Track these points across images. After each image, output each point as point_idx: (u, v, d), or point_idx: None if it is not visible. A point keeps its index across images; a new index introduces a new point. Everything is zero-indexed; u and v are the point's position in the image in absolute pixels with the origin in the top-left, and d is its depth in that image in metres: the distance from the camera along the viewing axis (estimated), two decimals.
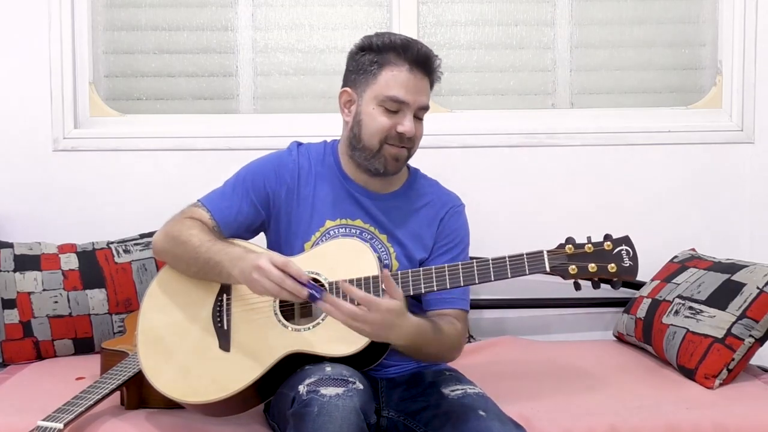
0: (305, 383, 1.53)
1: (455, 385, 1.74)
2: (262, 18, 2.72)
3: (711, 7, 2.73)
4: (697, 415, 1.85)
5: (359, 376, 1.58)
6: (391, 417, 1.73)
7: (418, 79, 1.77)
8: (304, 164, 1.87)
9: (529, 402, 1.91)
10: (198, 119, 2.70)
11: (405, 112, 1.76)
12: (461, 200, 1.96)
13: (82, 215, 2.59)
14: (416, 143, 1.82)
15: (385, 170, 1.81)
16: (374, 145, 1.78)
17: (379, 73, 1.76)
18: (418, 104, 1.77)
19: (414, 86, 1.76)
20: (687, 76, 2.79)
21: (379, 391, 1.76)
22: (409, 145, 1.80)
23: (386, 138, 1.77)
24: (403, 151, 1.80)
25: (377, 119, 1.77)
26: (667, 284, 2.33)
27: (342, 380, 1.53)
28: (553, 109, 2.77)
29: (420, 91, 1.77)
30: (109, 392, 1.73)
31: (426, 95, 1.80)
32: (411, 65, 1.76)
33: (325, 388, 1.50)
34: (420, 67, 1.77)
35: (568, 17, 2.74)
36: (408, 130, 1.76)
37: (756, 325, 2.05)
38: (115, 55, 2.73)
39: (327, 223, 1.82)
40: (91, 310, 2.33)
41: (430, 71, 1.79)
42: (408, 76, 1.75)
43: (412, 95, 1.75)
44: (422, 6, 2.71)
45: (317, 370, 1.58)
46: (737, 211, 2.68)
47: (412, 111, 1.77)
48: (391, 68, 1.76)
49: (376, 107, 1.77)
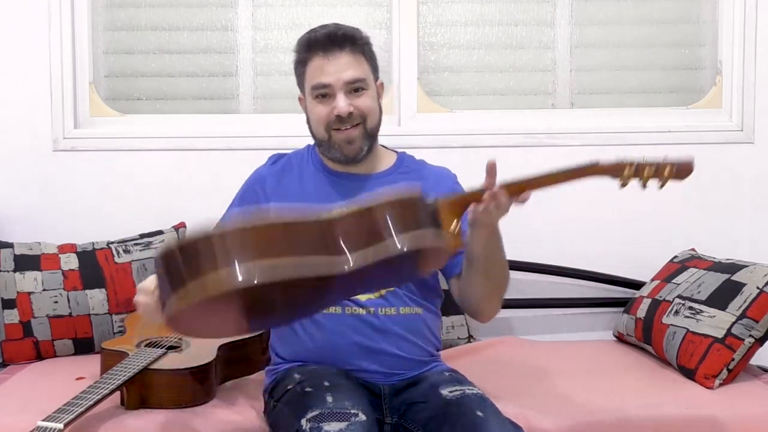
0: (307, 417, 1.53)
1: (454, 386, 1.73)
2: (262, 18, 2.73)
3: (711, 7, 2.73)
4: (697, 415, 1.85)
5: (363, 404, 1.59)
6: (393, 423, 1.73)
7: (334, 57, 1.78)
8: (288, 170, 1.90)
9: (529, 402, 1.91)
10: (198, 119, 2.70)
11: (334, 93, 1.78)
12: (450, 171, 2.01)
13: (82, 215, 2.59)
14: (368, 116, 1.82)
15: (345, 156, 1.83)
16: (323, 135, 1.82)
17: (305, 71, 1.82)
18: (343, 80, 1.77)
19: (331, 66, 1.77)
20: (687, 76, 2.79)
21: (383, 399, 1.75)
22: (357, 121, 1.80)
23: (329, 124, 1.80)
24: (352, 132, 1.80)
25: (315, 110, 1.81)
26: (667, 284, 2.33)
27: (344, 414, 1.53)
28: (553, 109, 2.77)
29: (339, 68, 1.77)
30: (109, 392, 1.73)
31: (350, 68, 1.78)
32: (320, 50, 1.78)
33: (327, 424, 1.50)
34: (329, 47, 1.78)
35: (568, 17, 2.75)
36: (340, 108, 1.77)
37: (756, 325, 2.05)
38: (115, 55, 2.73)
39: None
40: (91, 310, 2.33)
41: (343, 45, 1.78)
42: (322, 61, 1.78)
43: (330, 75, 1.77)
44: (422, 6, 2.71)
45: (317, 400, 1.58)
46: (737, 211, 2.68)
47: (341, 89, 1.78)
48: (310, 62, 1.80)
49: (312, 101, 1.82)
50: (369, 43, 1.85)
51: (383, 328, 1.78)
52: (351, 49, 1.79)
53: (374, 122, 1.84)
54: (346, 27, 1.82)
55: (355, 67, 1.79)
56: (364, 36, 1.84)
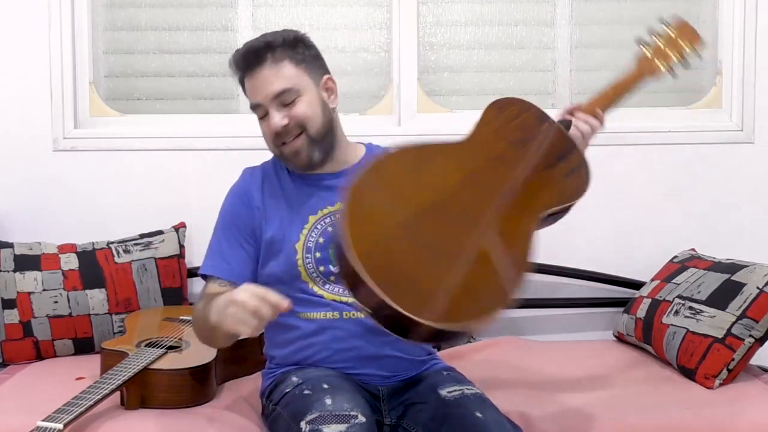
0: (306, 419, 1.53)
1: (452, 386, 1.73)
2: (262, 18, 2.72)
3: (711, 7, 2.73)
4: (697, 415, 1.85)
5: (362, 406, 1.58)
6: (392, 424, 1.72)
7: (255, 75, 1.73)
8: (264, 181, 1.86)
9: (529, 402, 1.91)
10: (198, 119, 2.71)
11: (268, 110, 1.73)
12: None
13: (82, 215, 2.59)
14: (307, 124, 1.73)
15: (298, 167, 1.79)
16: (276, 152, 1.79)
17: (245, 92, 1.79)
18: (269, 97, 1.72)
19: (256, 85, 1.73)
20: (687, 76, 2.78)
21: (381, 400, 1.75)
22: (297, 131, 1.74)
23: (274, 140, 1.76)
24: (295, 143, 1.74)
25: (261, 130, 1.79)
26: (667, 284, 2.33)
27: (344, 416, 1.52)
28: (553, 109, 2.76)
29: (262, 85, 1.72)
30: (109, 392, 1.73)
31: (273, 81, 1.71)
32: (245, 70, 1.75)
33: (327, 427, 1.49)
34: (250, 66, 1.73)
35: (568, 17, 2.74)
36: (272, 125, 1.73)
37: (756, 325, 2.05)
38: (115, 55, 2.73)
39: (311, 219, 1.80)
40: (91, 310, 2.33)
41: (261, 59, 1.72)
42: (249, 82, 1.75)
43: (258, 94, 1.73)
44: (422, 6, 2.71)
45: (316, 403, 1.57)
46: (737, 211, 2.68)
47: (271, 105, 1.72)
48: (244, 82, 1.77)
49: (258, 120, 1.78)
50: (293, 44, 1.75)
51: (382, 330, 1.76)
52: (271, 59, 1.72)
53: (317, 126, 1.75)
54: (266, 36, 1.75)
55: (279, 78, 1.71)
56: (287, 38, 1.75)
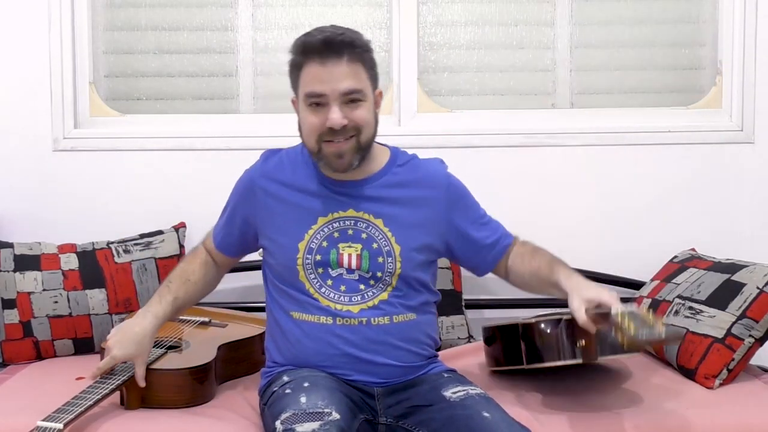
0: (281, 419, 1.54)
1: (456, 387, 1.73)
2: (262, 18, 2.72)
3: (711, 7, 2.73)
4: (697, 415, 1.85)
5: (336, 403, 1.58)
6: (389, 423, 1.71)
7: (331, 66, 1.67)
8: (280, 170, 1.84)
9: (529, 402, 1.91)
10: (198, 119, 2.70)
11: (329, 103, 1.69)
12: (443, 162, 1.96)
13: (82, 215, 2.59)
14: (364, 129, 1.73)
15: (333, 169, 1.76)
16: (314, 146, 1.74)
17: (300, 75, 1.73)
18: (339, 91, 1.68)
19: (327, 75, 1.68)
20: (687, 76, 2.79)
21: (375, 399, 1.74)
22: (351, 133, 1.71)
23: (320, 135, 1.71)
24: (343, 145, 1.71)
25: (308, 119, 1.72)
26: (667, 284, 2.33)
27: (317, 413, 1.53)
28: (553, 109, 2.77)
29: (336, 78, 1.68)
30: (109, 392, 1.73)
31: (348, 78, 1.68)
32: (318, 56, 1.68)
33: (300, 425, 1.50)
34: (327, 54, 1.67)
35: (568, 17, 2.74)
36: (334, 120, 1.68)
37: (756, 325, 2.05)
38: (115, 55, 2.73)
39: (320, 221, 1.79)
40: (91, 310, 2.33)
41: (341, 52, 1.68)
42: (318, 68, 1.68)
43: (326, 84, 1.68)
44: (422, 6, 2.71)
45: (291, 401, 1.59)
46: (737, 211, 2.68)
47: (336, 100, 1.68)
48: (305, 66, 1.71)
49: (306, 108, 1.73)
50: (369, 50, 1.75)
51: (376, 339, 1.76)
52: (349, 57, 1.69)
53: (368, 135, 1.75)
54: (346, 31, 1.72)
55: (353, 78, 1.69)
56: (364, 42, 1.74)
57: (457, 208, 1.89)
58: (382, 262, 1.77)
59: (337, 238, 1.78)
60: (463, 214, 1.89)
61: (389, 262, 1.77)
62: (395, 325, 1.78)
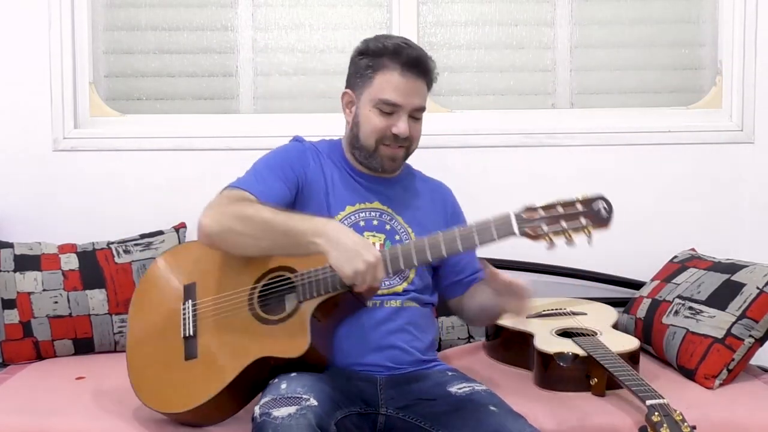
0: (260, 404, 1.56)
1: (461, 383, 1.74)
2: (262, 18, 2.73)
3: (711, 7, 2.73)
4: (697, 415, 1.84)
5: (316, 391, 1.58)
6: (389, 414, 1.72)
7: (411, 81, 1.82)
8: (316, 154, 1.93)
9: (529, 402, 1.91)
10: (198, 119, 2.70)
11: (399, 113, 1.83)
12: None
13: (82, 215, 2.59)
14: (414, 142, 1.89)
15: (383, 169, 1.89)
16: (371, 145, 1.86)
17: (374, 76, 1.83)
18: (412, 106, 1.83)
19: (406, 89, 1.82)
20: (687, 76, 2.79)
21: (378, 389, 1.75)
22: (406, 144, 1.87)
23: (382, 138, 1.85)
24: (399, 151, 1.87)
25: (373, 121, 1.84)
26: (667, 284, 2.33)
27: (295, 398, 1.54)
28: (553, 109, 2.77)
29: (413, 93, 1.83)
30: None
31: (420, 97, 1.85)
32: (403, 68, 1.81)
33: (277, 410, 1.51)
34: (412, 70, 1.82)
35: (568, 17, 2.74)
36: (402, 131, 1.82)
37: (756, 325, 2.05)
38: (115, 55, 2.73)
39: (347, 208, 1.87)
40: (91, 311, 2.33)
41: (423, 73, 1.84)
42: (400, 80, 1.81)
43: (404, 97, 1.82)
44: (422, 6, 2.71)
45: (273, 388, 1.60)
46: (737, 211, 2.68)
47: (406, 112, 1.83)
48: (384, 72, 1.82)
49: (372, 109, 1.83)
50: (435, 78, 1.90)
51: (386, 318, 1.80)
52: (427, 78, 1.86)
53: (415, 148, 1.92)
54: (427, 55, 1.86)
55: (423, 97, 1.86)
56: (435, 68, 1.89)
57: (455, 217, 2.02)
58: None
59: (363, 226, 1.87)
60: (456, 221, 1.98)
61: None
62: (405, 309, 1.83)
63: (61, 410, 1.86)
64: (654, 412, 1.60)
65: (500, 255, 2.45)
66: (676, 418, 1.58)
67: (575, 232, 1.62)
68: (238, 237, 1.70)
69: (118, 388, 1.95)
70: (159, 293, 1.85)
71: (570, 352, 1.99)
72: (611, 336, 2.12)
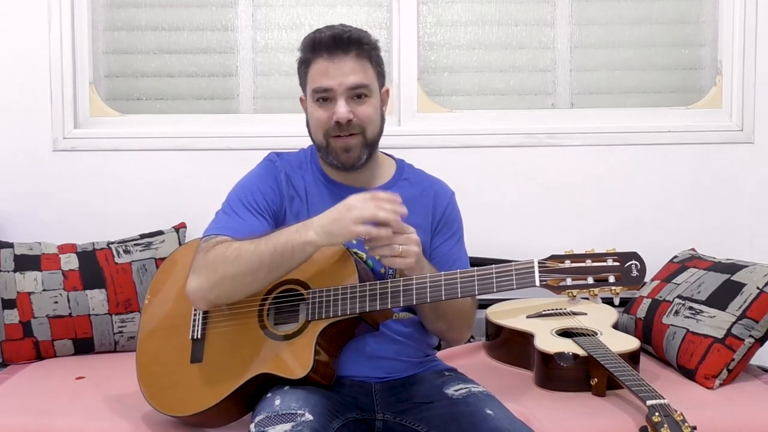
0: (255, 421, 1.55)
1: (458, 385, 1.73)
2: (262, 18, 2.73)
3: (711, 7, 2.73)
4: (697, 415, 1.84)
5: (311, 405, 1.57)
6: (386, 419, 1.71)
7: (338, 61, 1.72)
8: (290, 170, 1.84)
9: (530, 402, 1.91)
10: (198, 119, 2.71)
11: (335, 98, 1.73)
12: (453, 192, 1.94)
13: (82, 215, 2.59)
14: (368, 126, 1.76)
15: (342, 164, 1.77)
16: (321, 141, 1.77)
17: (308, 72, 1.77)
18: (345, 85, 1.72)
19: (334, 69, 1.72)
20: (687, 76, 2.79)
21: (373, 394, 1.74)
22: (356, 130, 1.74)
23: (327, 130, 1.74)
24: (350, 140, 1.74)
25: (315, 114, 1.76)
26: (667, 284, 2.33)
27: (290, 414, 1.53)
28: (553, 109, 2.77)
29: (342, 73, 1.72)
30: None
31: (354, 73, 1.73)
32: (325, 52, 1.73)
33: (272, 428, 1.50)
34: (334, 50, 1.72)
35: (568, 17, 2.75)
36: (341, 115, 1.71)
37: (756, 325, 2.05)
38: (115, 55, 2.73)
39: None
40: (91, 311, 2.33)
41: (348, 48, 1.72)
42: (325, 64, 1.72)
43: (332, 79, 1.72)
44: (422, 6, 2.71)
45: (267, 404, 1.59)
46: (737, 211, 2.68)
47: (342, 94, 1.72)
48: (313, 62, 1.75)
49: (312, 104, 1.77)
50: (377, 48, 1.80)
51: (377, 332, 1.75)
52: (357, 53, 1.74)
53: (374, 132, 1.78)
54: (354, 29, 1.76)
55: (359, 73, 1.73)
56: (372, 41, 1.78)
57: (440, 234, 1.87)
58: (384, 272, 1.77)
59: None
60: (440, 238, 1.86)
61: (390, 272, 1.77)
62: (401, 320, 1.79)
63: (61, 410, 1.86)
64: (655, 413, 1.60)
65: (497, 255, 2.45)
66: (676, 418, 1.59)
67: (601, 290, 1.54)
68: (233, 281, 1.64)
69: (118, 388, 1.96)
70: (176, 283, 1.81)
71: (570, 352, 1.99)
72: (611, 336, 2.12)
